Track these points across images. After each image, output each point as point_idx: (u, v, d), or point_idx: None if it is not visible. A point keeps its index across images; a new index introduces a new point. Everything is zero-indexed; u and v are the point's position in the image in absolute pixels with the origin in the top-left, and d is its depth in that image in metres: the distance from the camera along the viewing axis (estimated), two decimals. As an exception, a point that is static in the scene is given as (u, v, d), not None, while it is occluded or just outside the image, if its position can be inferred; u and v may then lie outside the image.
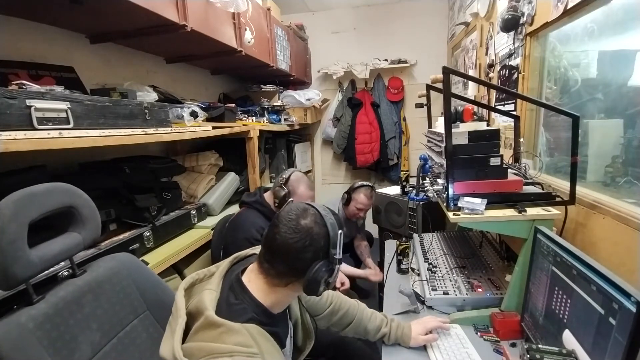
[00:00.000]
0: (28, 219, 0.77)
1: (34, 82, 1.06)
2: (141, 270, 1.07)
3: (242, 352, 0.66)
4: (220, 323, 0.69)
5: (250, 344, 0.68)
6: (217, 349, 0.66)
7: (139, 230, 1.41)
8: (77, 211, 0.91)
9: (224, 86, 2.99)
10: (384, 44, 3.60)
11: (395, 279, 1.47)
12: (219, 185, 2.12)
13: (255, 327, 0.73)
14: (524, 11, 1.54)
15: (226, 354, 0.65)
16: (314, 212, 0.81)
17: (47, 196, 0.83)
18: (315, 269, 0.76)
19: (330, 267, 0.78)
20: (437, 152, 1.39)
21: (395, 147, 3.59)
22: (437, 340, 1.05)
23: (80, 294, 0.89)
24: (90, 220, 0.94)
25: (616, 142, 1.16)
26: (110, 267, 1.00)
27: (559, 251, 0.88)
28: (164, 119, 1.42)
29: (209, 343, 0.68)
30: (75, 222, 0.92)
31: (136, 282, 1.03)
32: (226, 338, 0.68)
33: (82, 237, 0.91)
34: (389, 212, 2.43)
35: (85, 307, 0.89)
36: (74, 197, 0.91)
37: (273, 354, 0.73)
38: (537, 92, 1.60)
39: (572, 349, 0.79)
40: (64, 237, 0.89)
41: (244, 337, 0.69)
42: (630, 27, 1.08)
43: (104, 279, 0.96)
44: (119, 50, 1.81)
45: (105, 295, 0.95)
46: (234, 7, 1.81)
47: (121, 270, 1.01)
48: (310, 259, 0.77)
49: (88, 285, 0.92)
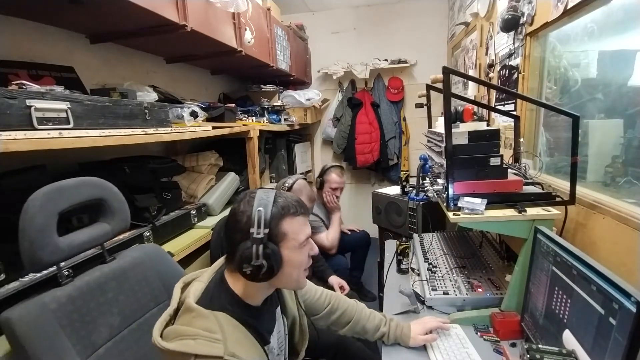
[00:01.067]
0: (57, 209, 0.84)
1: (34, 82, 1.06)
2: (166, 261, 1.15)
3: (205, 337, 0.70)
4: (193, 309, 0.74)
5: (215, 329, 0.71)
6: (185, 332, 0.71)
7: (139, 230, 1.41)
8: (107, 203, 0.99)
9: (224, 86, 2.99)
10: (384, 44, 3.60)
11: (395, 279, 1.47)
12: (219, 185, 2.12)
13: (225, 315, 0.75)
14: (524, 11, 1.54)
15: (191, 337, 0.70)
16: (252, 193, 0.80)
17: (76, 189, 0.91)
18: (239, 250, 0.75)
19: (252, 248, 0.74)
20: (437, 152, 1.39)
21: (395, 147, 3.60)
22: (436, 340, 1.05)
23: (105, 279, 0.96)
24: (119, 212, 1.02)
25: (616, 142, 1.16)
26: (137, 256, 1.07)
27: (559, 251, 0.88)
28: (164, 119, 1.42)
29: (181, 326, 0.73)
30: (105, 213, 1.00)
31: (159, 273, 1.10)
32: (195, 322, 0.72)
33: (111, 228, 0.99)
34: (389, 212, 2.43)
35: (108, 292, 0.95)
36: (104, 190, 0.99)
37: (242, 343, 0.74)
38: (537, 92, 1.60)
39: (572, 349, 0.79)
40: (94, 226, 0.97)
41: (211, 323, 0.72)
42: (630, 27, 1.08)
43: (129, 267, 1.03)
44: (119, 50, 1.81)
45: (129, 282, 1.01)
46: (234, 7, 1.81)
47: (146, 261, 1.08)
48: (237, 240, 0.76)
49: (113, 272, 0.99)
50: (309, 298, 1.09)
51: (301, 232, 0.81)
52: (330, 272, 1.98)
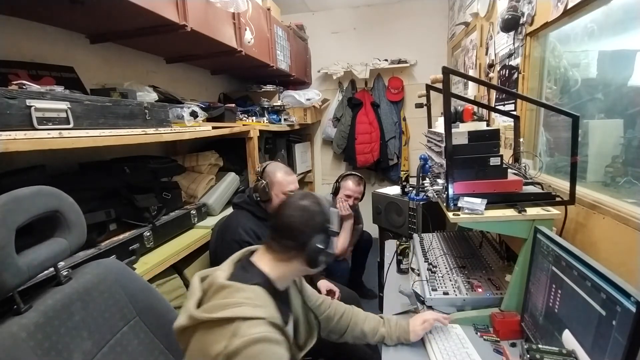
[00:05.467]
0: (15, 224, 0.74)
1: (34, 82, 1.06)
2: (129, 275, 1.05)
3: (249, 304, 0.77)
4: (229, 284, 0.81)
5: (254, 298, 0.79)
6: (227, 303, 0.77)
7: (139, 230, 1.41)
8: (63, 216, 0.88)
9: (224, 86, 2.99)
10: (384, 44, 3.60)
11: (395, 279, 1.47)
12: (219, 185, 2.12)
13: (260, 288, 0.83)
14: (524, 11, 1.54)
15: (236, 305, 0.76)
16: (312, 196, 0.97)
17: (33, 200, 0.80)
18: (314, 241, 0.89)
19: (328, 240, 0.92)
20: (437, 152, 1.39)
21: (395, 147, 3.59)
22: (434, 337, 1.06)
23: (69, 301, 0.86)
24: (77, 226, 0.91)
25: (616, 142, 1.16)
26: (97, 273, 0.96)
27: (558, 251, 0.88)
28: (164, 119, 1.42)
29: (221, 300, 0.78)
30: (61, 227, 0.88)
31: (124, 288, 1.00)
32: (235, 294, 0.79)
33: (69, 243, 0.88)
34: (389, 212, 2.43)
35: (75, 315, 0.86)
36: (60, 201, 0.88)
37: (274, 314, 0.81)
38: (537, 92, 1.60)
39: (572, 349, 0.79)
40: (50, 242, 0.85)
41: (250, 293, 0.80)
42: (630, 27, 1.08)
43: (91, 285, 0.93)
44: (119, 50, 1.81)
45: (94, 302, 0.92)
46: (234, 7, 1.81)
47: (108, 276, 0.98)
48: (310, 233, 0.89)
49: (76, 292, 0.88)
50: (312, 302, 1.11)
51: None
52: (321, 275, 1.97)
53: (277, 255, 0.91)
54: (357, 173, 2.46)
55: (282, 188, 1.63)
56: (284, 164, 1.78)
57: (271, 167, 1.69)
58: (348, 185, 2.33)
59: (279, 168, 1.70)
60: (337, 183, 2.40)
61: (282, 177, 1.66)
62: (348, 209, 2.30)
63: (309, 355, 1.38)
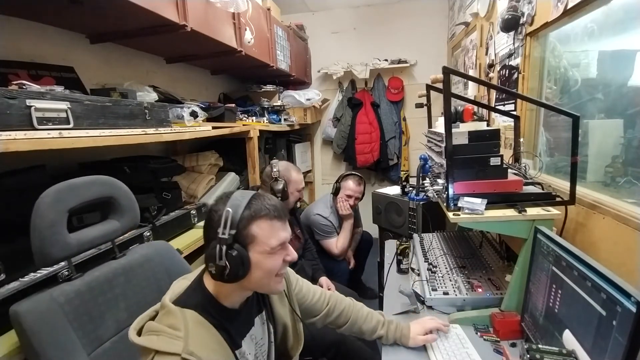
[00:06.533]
0: (67, 207, 0.87)
1: (34, 82, 1.06)
2: (174, 258, 1.17)
3: (167, 333, 0.70)
4: (165, 305, 0.75)
5: (178, 327, 0.71)
6: (152, 328, 0.73)
7: (139, 230, 1.41)
8: (117, 201, 1.02)
9: (224, 86, 2.99)
10: (384, 44, 3.60)
11: (395, 279, 1.47)
12: (219, 185, 2.12)
13: (194, 314, 0.74)
14: (524, 11, 1.54)
15: (155, 332, 0.71)
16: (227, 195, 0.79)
17: (87, 187, 0.94)
18: (209, 250, 0.74)
19: (215, 246, 0.73)
20: (437, 152, 1.39)
21: (395, 147, 3.60)
22: (436, 341, 1.05)
23: (114, 275, 0.99)
24: (129, 210, 1.05)
25: (616, 142, 1.16)
26: (146, 253, 1.11)
27: (559, 251, 0.88)
28: (164, 119, 1.42)
29: (152, 322, 0.75)
30: (115, 211, 1.03)
31: (168, 270, 1.12)
32: (163, 319, 0.74)
33: (121, 225, 1.02)
34: (389, 212, 2.42)
35: (116, 288, 0.98)
36: (114, 188, 1.02)
37: (207, 344, 0.72)
38: (537, 92, 1.60)
39: (572, 349, 0.79)
40: (104, 224, 1.00)
41: (176, 320, 0.72)
42: (630, 27, 1.08)
43: (138, 263, 1.06)
44: (119, 50, 1.81)
45: (137, 278, 1.04)
46: (234, 7, 1.81)
47: (154, 257, 1.11)
48: (208, 238, 0.78)
49: (122, 268, 1.02)
50: (308, 301, 1.07)
51: (273, 236, 0.78)
52: (322, 272, 1.97)
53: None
54: (357, 173, 2.47)
55: (296, 186, 1.73)
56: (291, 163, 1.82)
57: (284, 167, 1.74)
58: (349, 185, 2.34)
59: (292, 167, 1.77)
60: (337, 183, 2.41)
61: (296, 176, 1.75)
62: (348, 208, 2.30)
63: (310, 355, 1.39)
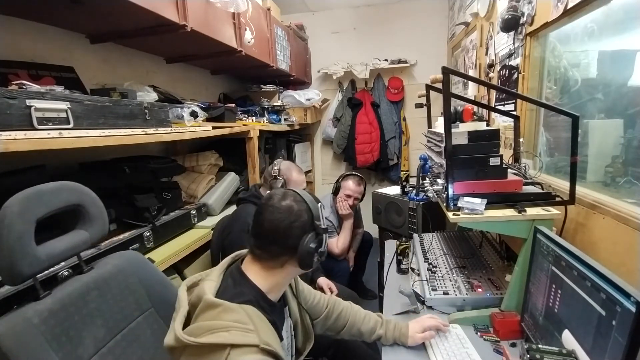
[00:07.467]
0: (35, 217, 0.79)
1: (34, 82, 1.06)
2: (147, 267, 1.09)
3: (239, 328, 0.70)
4: (218, 303, 0.74)
5: (246, 321, 0.72)
6: (215, 325, 0.70)
7: (139, 231, 1.41)
8: (85, 209, 0.93)
9: (224, 86, 2.99)
10: (384, 44, 3.60)
11: (395, 279, 1.47)
12: (219, 185, 2.12)
13: (252, 308, 0.76)
14: (524, 11, 1.54)
15: (223, 329, 0.69)
16: (292, 193, 0.87)
17: (54, 194, 0.85)
18: (305, 242, 0.82)
19: (319, 237, 0.84)
20: (437, 152, 1.39)
21: (395, 147, 3.59)
22: (434, 338, 1.05)
23: (86, 290, 0.91)
24: (98, 218, 0.96)
25: (616, 142, 1.16)
26: (117, 264, 1.02)
27: (558, 251, 0.88)
28: (164, 119, 1.42)
29: (209, 321, 0.72)
30: (83, 220, 0.94)
31: (142, 280, 1.05)
32: (224, 316, 0.72)
33: (90, 235, 0.94)
34: (389, 212, 2.42)
35: (90, 303, 0.90)
36: (82, 195, 0.93)
37: (269, 335, 0.75)
38: (537, 92, 1.60)
39: (572, 349, 0.79)
40: (72, 234, 0.91)
41: (241, 315, 0.73)
42: (630, 27, 1.08)
43: (110, 275, 0.98)
44: (119, 50, 1.81)
45: (111, 292, 0.96)
46: (234, 7, 1.81)
47: (127, 268, 1.03)
48: (299, 234, 0.82)
49: (94, 281, 0.93)
50: (309, 302, 1.09)
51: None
52: (321, 273, 1.97)
53: (266, 264, 0.83)
54: (357, 173, 2.47)
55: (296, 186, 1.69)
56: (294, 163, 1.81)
57: (286, 166, 1.73)
58: (348, 185, 2.34)
59: (293, 167, 1.76)
60: (337, 183, 2.42)
61: (296, 176, 1.72)
62: (348, 208, 2.30)
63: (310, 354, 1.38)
